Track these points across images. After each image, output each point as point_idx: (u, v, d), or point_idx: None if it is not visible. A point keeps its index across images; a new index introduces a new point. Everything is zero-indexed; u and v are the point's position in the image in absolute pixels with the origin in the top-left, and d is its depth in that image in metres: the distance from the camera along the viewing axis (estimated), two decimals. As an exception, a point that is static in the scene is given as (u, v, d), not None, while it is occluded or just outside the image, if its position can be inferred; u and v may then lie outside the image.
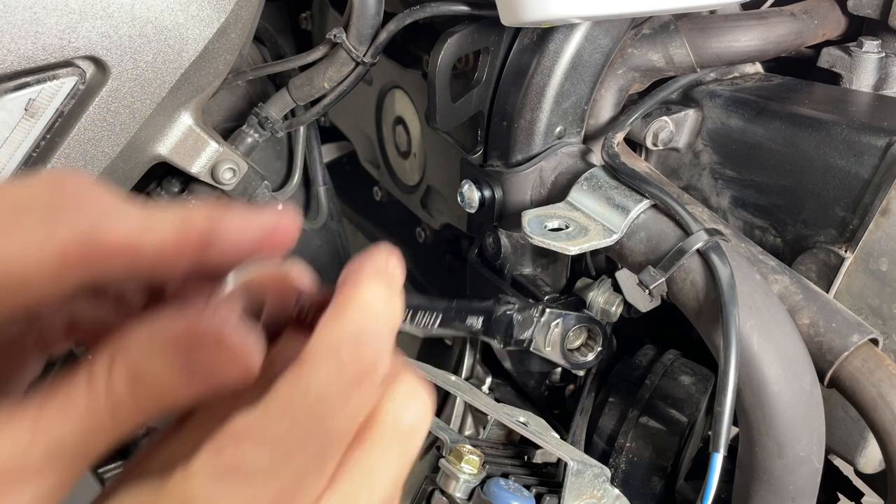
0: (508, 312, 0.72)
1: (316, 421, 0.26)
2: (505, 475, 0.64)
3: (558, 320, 0.76)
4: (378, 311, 0.28)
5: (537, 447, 0.70)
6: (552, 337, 0.76)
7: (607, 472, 0.63)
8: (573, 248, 0.66)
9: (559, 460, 0.66)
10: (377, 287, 0.28)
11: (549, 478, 0.67)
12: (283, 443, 0.25)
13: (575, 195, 0.71)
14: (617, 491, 0.64)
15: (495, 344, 0.75)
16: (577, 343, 0.80)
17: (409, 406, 0.28)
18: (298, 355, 0.27)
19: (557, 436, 0.71)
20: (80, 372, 0.27)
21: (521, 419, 0.70)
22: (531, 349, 0.77)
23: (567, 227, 0.68)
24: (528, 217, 0.69)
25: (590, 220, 0.69)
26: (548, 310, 0.75)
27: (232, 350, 0.27)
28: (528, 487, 0.62)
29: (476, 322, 0.65)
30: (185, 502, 0.25)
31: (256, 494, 0.25)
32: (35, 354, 0.34)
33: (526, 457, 0.71)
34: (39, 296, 0.27)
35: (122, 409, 0.27)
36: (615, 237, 0.67)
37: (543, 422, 0.73)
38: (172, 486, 0.26)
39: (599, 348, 0.79)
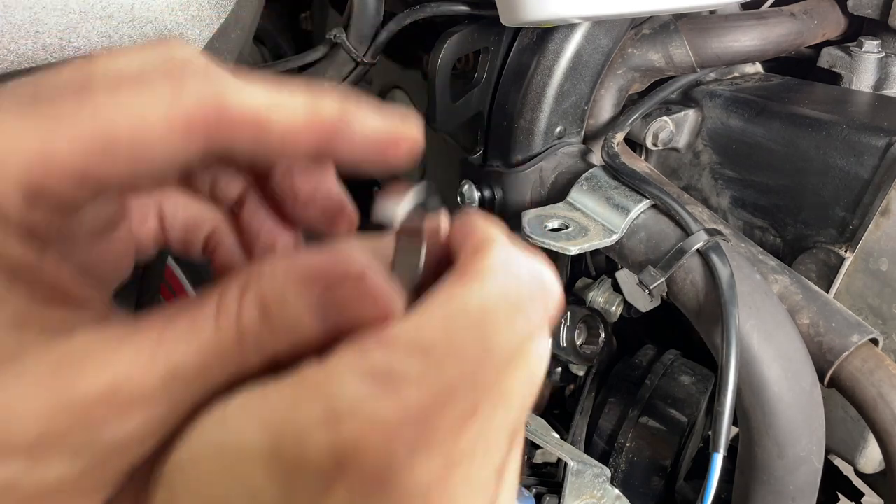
0: None
1: (476, 336, 0.24)
2: None
3: (566, 314, 0.76)
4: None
5: (537, 447, 0.70)
6: (564, 334, 0.76)
7: (607, 472, 0.64)
8: (573, 249, 0.66)
9: (559, 461, 0.66)
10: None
11: (549, 478, 0.67)
12: (438, 353, 0.24)
13: (575, 195, 0.71)
14: (617, 491, 0.64)
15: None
16: (580, 340, 0.81)
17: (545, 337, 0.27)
18: (454, 273, 0.26)
19: (557, 436, 0.72)
20: (208, 297, 0.25)
21: None
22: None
23: (567, 228, 0.68)
24: (528, 217, 0.69)
25: (590, 221, 0.69)
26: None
27: (374, 294, 0.25)
28: (528, 488, 0.63)
29: None
30: (324, 398, 0.23)
31: (405, 401, 0.23)
32: (126, 252, 0.32)
33: (526, 457, 0.71)
34: (161, 162, 0.25)
35: (250, 340, 0.25)
36: (615, 237, 0.67)
37: (543, 422, 0.73)
38: (306, 381, 0.23)
39: (603, 335, 0.79)
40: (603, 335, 0.79)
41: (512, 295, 0.25)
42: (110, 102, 0.24)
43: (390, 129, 0.29)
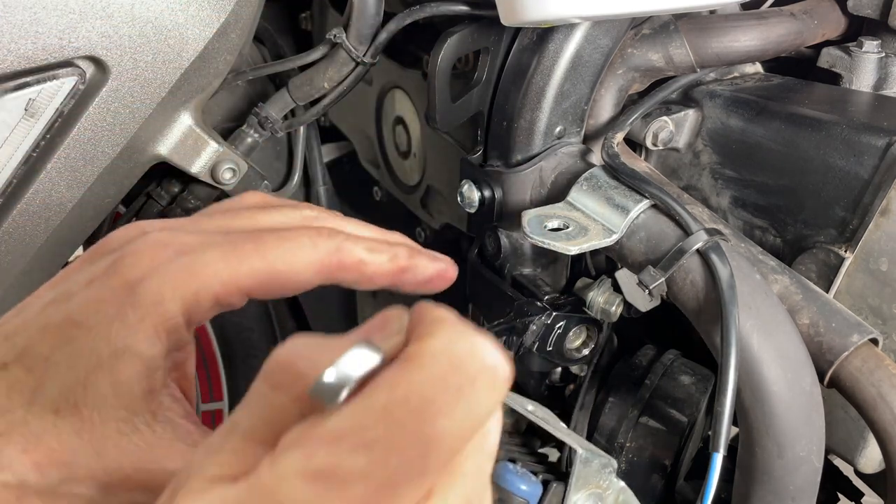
0: (527, 322, 0.73)
1: (417, 425, 0.25)
2: (512, 461, 0.64)
3: (561, 323, 0.77)
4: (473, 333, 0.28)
5: (542, 440, 0.70)
6: (554, 338, 0.77)
7: (614, 463, 0.64)
8: (573, 248, 0.66)
9: (561, 456, 0.66)
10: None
11: (555, 466, 0.67)
12: (381, 446, 0.24)
13: (575, 195, 0.71)
14: (622, 483, 0.64)
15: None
16: (578, 343, 0.81)
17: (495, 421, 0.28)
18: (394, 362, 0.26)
19: (565, 425, 0.72)
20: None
21: (530, 408, 0.70)
22: (533, 350, 0.77)
23: (567, 227, 0.68)
24: (528, 217, 0.69)
25: (589, 220, 0.69)
26: (554, 314, 0.76)
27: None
28: (535, 474, 0.63)
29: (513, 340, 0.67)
30: (276, 502, 0.24)
31: (352, 498, 0.24)
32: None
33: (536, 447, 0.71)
34: (295, 289, 0.37)
35: None
36: (615, 237, 0.67)
37: (550, 412, 0.73)
38: (259, 484, 0.25)
39: (593, 345, 0.80)
40: (593, 344, 0.80)
41: (452, 379, 0.25)
42: (275, 251, 0.36)
43: (439, 269, 0.40)
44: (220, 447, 0.29)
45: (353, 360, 0.27)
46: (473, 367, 0.26)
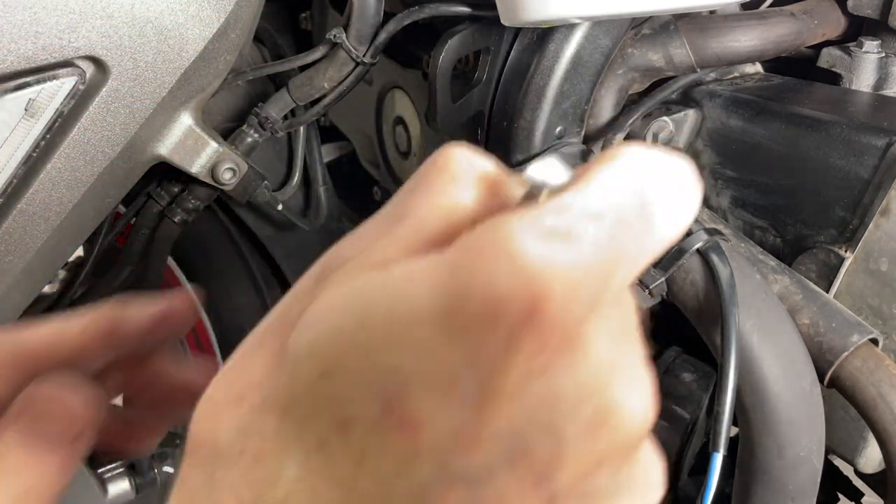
0: None
1: (639, 210, 0.24)
2: None
3: None
4: None
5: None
6: None
7: None
8: None
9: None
10: None
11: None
12: (609, 220, 0.23)
13: (575, 195, 0.71)
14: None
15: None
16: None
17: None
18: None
19: None
20: None
21: None
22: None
23: None
24: None
25: None
26: None
27: None
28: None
29: None
30: (507, 252, 0.22)
31: (588, 257, 0.22)
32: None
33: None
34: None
35: None
36: None
37: None
38: (479, 242, 0.22)
39: None
40: None
41: (663, 176, 0.25)
42: None
43: (158, 312, 0.39)
44: (382, 235, 0.26)
45: (556, 164, 0.26)
46: (677, 169, 0.25)
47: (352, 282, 0.24)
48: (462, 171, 0.27)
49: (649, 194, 0.24)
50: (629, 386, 0.25)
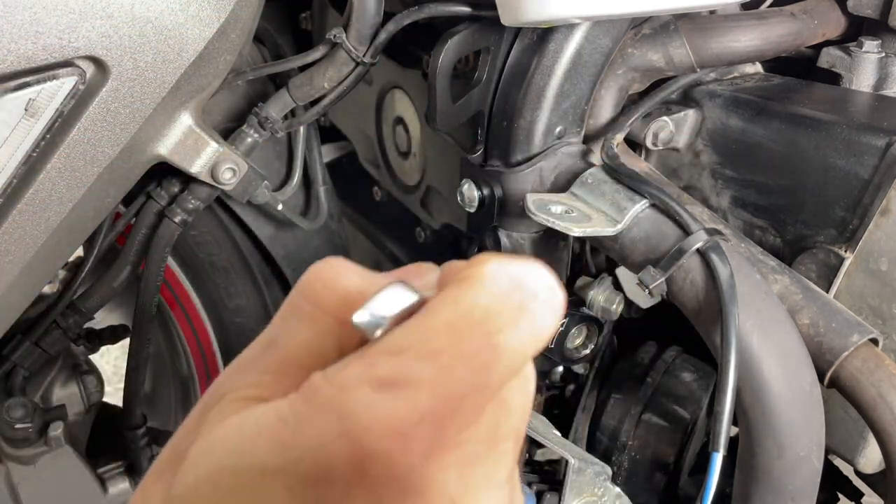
0: None
1: (482, 339, 0.24)
2: None
3: (562, 322, 0.77)
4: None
5: (538, 445, 0.70)
6: (554, 337, 0.77)
7: (608, 470, 0.64)
8: (577, 230, 0.66)
9: (560, 458, 0.66)
10: None
11: (550, 476, 0.67)
12: (446, 357, 0.24)
13: (576, 191, 0.71)
14: (618, 489, 0.64)
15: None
16: (578, 342, 0.81)
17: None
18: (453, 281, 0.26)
19: (559, 433, 0.72)
20: None
21: None
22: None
23: (571, 213, 0.68)
24: (532, 198, 0.69)
25: (592, 210, 0.69)
26: None
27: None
28: (529, 485, 0.63)
29: None
30: (337, 412, 0.23)
31: (418, 404, 0.23)
32: None
33: (527, 454, 0.71)
34: None
35: None
36: (619, 227, 0.67)
37: (545, 419, 0.73)
38: (317, 396, 0.24)
39: (594, 344, 0.80)
40: (592, 345, 0.80)
41: (516, 294, 0.25)
42: None
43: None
44: (255, 365, 0.28)
45: (394, 295, 0.26)
46: (534, 286, 0.26)
47: (215, 431, 0.26)
48: (323, 299, 0.28)
49: (495, 323, 0.25)
50: None
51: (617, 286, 0.80)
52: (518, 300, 0.25)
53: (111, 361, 2.06)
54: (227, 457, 0.25)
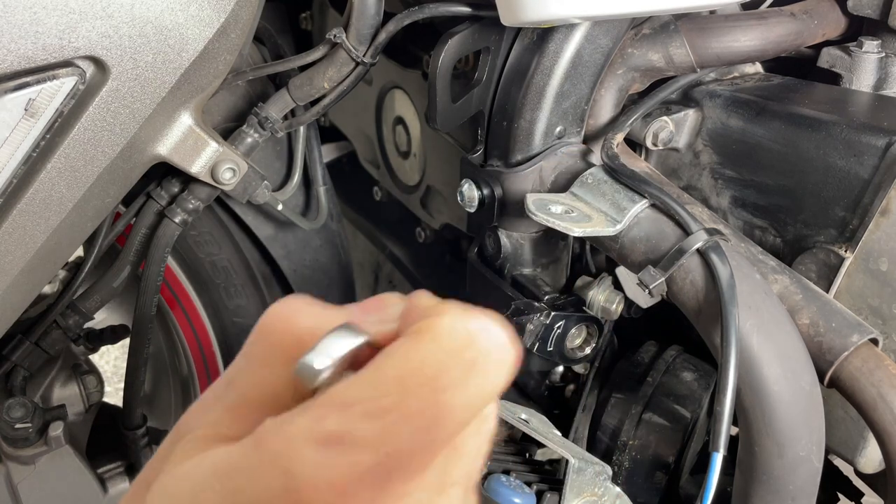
0: (523, 322, 0.73)
1: (430, 397, 0.25)
2: (506, 472, 0.64)
3: (561, 322, 0.77)
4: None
5: (539, 445, 0.70)
6: (554, 338, 0.77)
7: (608, 469, 0.64)
8: (577, 230, 0.66)
9: (560, 458, 0.66)
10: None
11: (551, 475, 0.67)
12: (392, 415, 0.24)
13: (576, 191, 0.71)
14: (618, 489, 0.64)
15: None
16: (578, 342, 0.81)
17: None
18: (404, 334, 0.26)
19: (559, 433, 0.72)
20: None
21: (523, 416, 0.70)
22: (533, 350, 0.77)
23: (571, 213, 0.68)
24: (532, 198, 0.69)
25: (592, 210, 0.69)
26: (553, 313, 0.76)
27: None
28: (529, 484, 0.63)
29: None
30: (282, 467, 0.24)
31: (360, 465, 0.24)
32: None
33: (527, 454, 0.71)
34: None
35: None
36: (619, 227, 0.67)
37: (545, 419, 0.73)
38: (263, 446, 0.25)
39: (594, 344, 0.80)
40: (594, 343, 0.80)
41: (467, 353, 0.25)
42: None
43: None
44: (217, 404, 0.29)
45: (339, 340, 0.27)
46: (486, 343, 0.26)
47: (168, 476, 0.27)
48: (280, 339, 0.29)
49: (443, 381, 0.25)
50: None
51: (617, 286, 0.80)
52: (469, 358, 0.25)
53: (111, 361, 2.06)
54: (181, 501, 0.26)
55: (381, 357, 0.26)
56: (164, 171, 0.87)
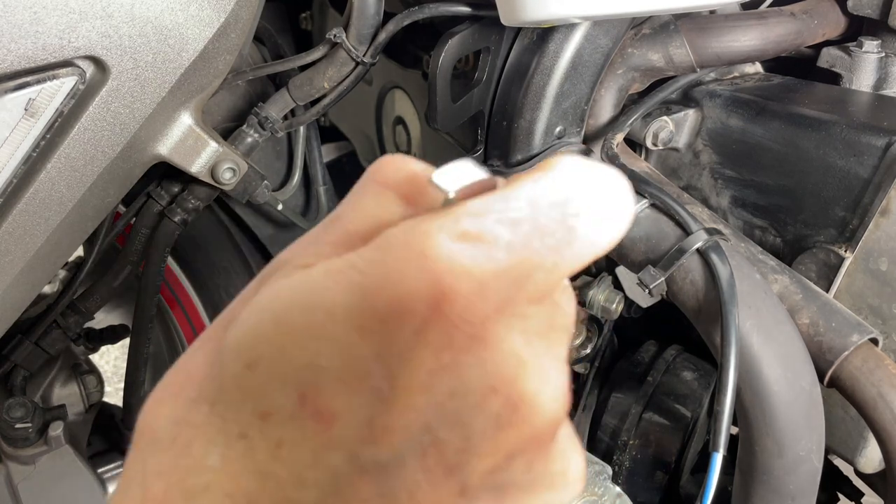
0: None
1: (559, 220, 0.25)
2: None
3: None
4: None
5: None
6: None
7: (608, 469, 0.64)
8: None
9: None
10: None
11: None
12: (525, 226, 0.24)
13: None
14: (618, 489, 0.64)
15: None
16: (578, 342, 0.81)
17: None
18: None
19: None
20: None
21: None
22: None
23: None
24: None
25: None
26: None
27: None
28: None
29: None
30: (418, 251, 0.24)
31: (497, 260, 0.24)
32: None
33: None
34: None
35: None
36: None
37: None
38: (395, 241, 0.24)
39: (593, 345, 0.80)
40: (592, 344, 0.80)
41: (592, 186, 0.25)
42: None
43: None
44: (317, 239, 0.28)
45: (468, 167, 0.27)
46: (610, 183, 0.26)
47: (279, 282, 0.25)
48: (390, 178, 0.29)
49: (573, 207, 0.25)
50: (539, 381, 0.25)
51: (617, 286, 0.80)
52: (596, 192, 0.26)
53: (111, 361, 2.06)
54: (295, 297, 0.24)
55: (510, 182, 0.26)
56: (164, 171, 0.87)
